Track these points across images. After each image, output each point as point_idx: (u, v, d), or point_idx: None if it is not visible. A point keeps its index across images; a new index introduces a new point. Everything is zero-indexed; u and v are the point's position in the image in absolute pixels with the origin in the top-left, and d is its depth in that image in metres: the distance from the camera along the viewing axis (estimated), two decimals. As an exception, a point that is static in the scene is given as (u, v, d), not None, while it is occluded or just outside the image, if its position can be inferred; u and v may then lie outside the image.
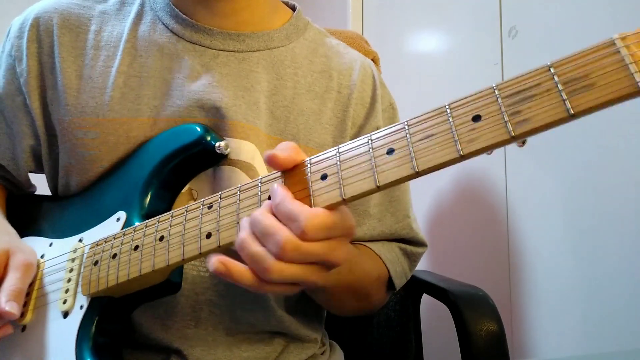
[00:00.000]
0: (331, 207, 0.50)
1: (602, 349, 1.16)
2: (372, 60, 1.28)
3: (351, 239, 0.54)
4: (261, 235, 0.50)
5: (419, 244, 0.89)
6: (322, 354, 0.87)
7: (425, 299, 1.11)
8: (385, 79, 0.95)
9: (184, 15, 0.79)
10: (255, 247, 0.50)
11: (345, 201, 0.49)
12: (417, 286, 1.13)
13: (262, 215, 0.51)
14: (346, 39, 1.25)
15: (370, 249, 0.82)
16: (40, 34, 0.78)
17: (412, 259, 0.87)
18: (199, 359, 0.73)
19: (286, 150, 0.53)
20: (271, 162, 0.53)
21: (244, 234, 0.51)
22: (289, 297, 0.80)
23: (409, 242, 0.87)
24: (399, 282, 0.84)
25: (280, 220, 0.50)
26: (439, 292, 1.03)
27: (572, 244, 1.25)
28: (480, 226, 1.54)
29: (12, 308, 0.63)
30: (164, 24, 0.80)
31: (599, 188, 1.20)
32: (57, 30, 0.78)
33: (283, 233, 0.48)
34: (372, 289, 0.81)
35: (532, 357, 1.33)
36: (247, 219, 0.53)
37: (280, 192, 0.51)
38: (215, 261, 0.51)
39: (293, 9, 0.90)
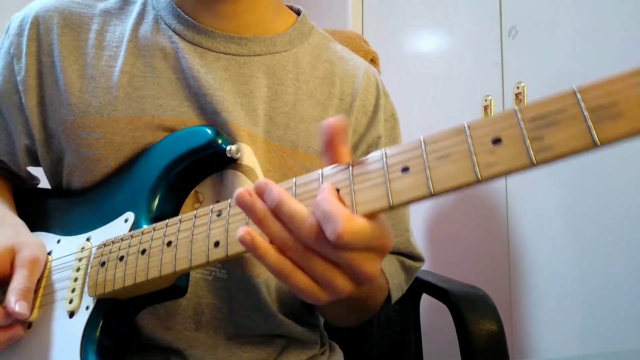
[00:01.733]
0: (369, 217, 0.47)
1: (602, 349, 1.16)
2: (372, 60, 1.28)
3: (385, 255, 0.51)
4: (286, 218, 0.47)
5: (417, 258, 0.89)
6: (321, 354, 0.87)
7: (425, 299, 1.12)
8: (385, 79, 0.95)
9: (186, 16, 0.78)
10: (277, 226, 0.47)
11: None
12: (417, 286, 1.13)
13: (290, 198, 0.48)
14: (346, 39, 1.25)
15: None
16: (40, 33, 0.77)
17: (409, 273, 0.87)
18: (199, 359, 0.73)
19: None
20: (335, 128, 0.49)
21: (271, 221, 0.48)
22: (288, 301, 0.80)
23: (407, 257, 0.87)
24: (396, 296, 0.84)
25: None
26: (439, 292, 1.03)
27: (572, 244, 1.26)
28: (480, 226, 1.54)
29: (22, 308, 0.63)
30: (166, 23, 0.79)
31: (598, 188, 1.20)
32: (58, 29, 0.77)
33: (312, 220, 0.45)
34: (378, 303, 0.81)
35: (532, 357, 1.34)
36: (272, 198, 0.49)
37: (325, 190, 0.47)
38: (244, 231, 0.47)
39: (298, 13, 0.89)
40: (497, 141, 0.41)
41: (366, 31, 2.13)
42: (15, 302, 0.63)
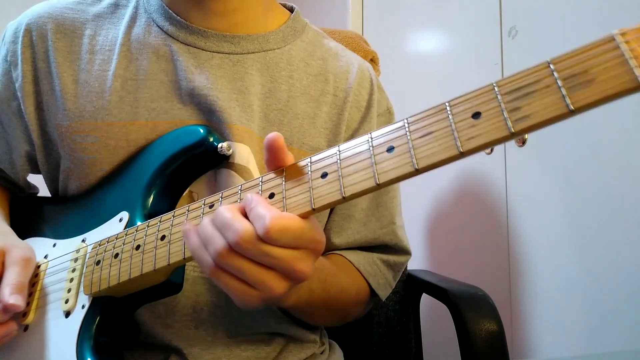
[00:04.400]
0: (303, 216, 0.50)
1: (602, 349, 1.16)
2: (372, 59, 1.28)
3: (319, 255, 0.54)
4: (221, 226, 0.50)
5: (402, 251, 0.88)
6: (321, 353, 0.87)
7: (425, 299, 1.11)
8: (385, 79, 0.94)
9: (178, 17, 0.79)
10: (211, 229, 0.51)
11: (345, 199, 0.49)
12: (417, 286, 1.13)
13: (225, 208, 0.51)
14: (346, 38, 1.25)
15: (349, 262, 0.82)
16: (34, 40, 0.78)
17: (396, 269, 0.87)
18: (198, 357, 0.73)
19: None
20: (273, 143, 0.54)
21: (206, 220, 0.53)
22: None
23: (392, 250, 0.87)
24: (384, 294, 0.85)
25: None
26: (439, 292, 1.03)
27: (572, 243, 1.25)
28: (480, 226, 1.54)
29: (17, 300, 0.63)
30: (158, 26, 0.79)
31: (599, 187, 1.20)
32: (52, 35, 0.78)
33: (243, 224, 0.49)
34: (350, 304, 0.80)
35: (532, 357, 1.33)
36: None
37: (254, 197, 0.52)
38: (187, 226, 0.53)
39: (291, 10, 0.90)
40: (476, 115, 0.43)
41: (366, 31, 2.13)
42: (10, 295, 0.63)
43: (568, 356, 1.28)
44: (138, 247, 0.62)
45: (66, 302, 0.67)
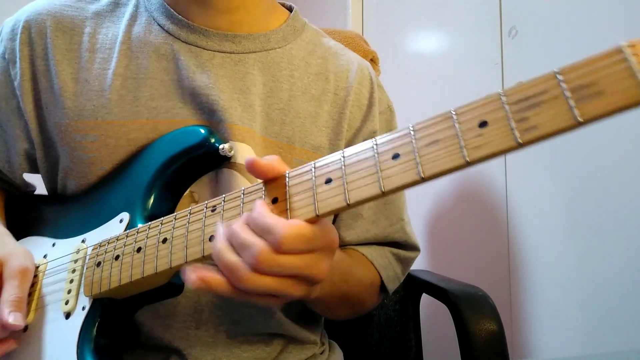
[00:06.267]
0: (311, 221, 0.50)
1: (602, 349, 1.16)
2: (371, 59, 1.28)
3: (334, 252, 0.55)
4: (238, 247, 0.51)
5: (412, 247, 0.89)
6: (321, 353, 0.87)
7: (425, 299, 1.11)
8: (384, 79, 0.94)
9: (180, 16, 0.78)
10: (231, 257, 0.51)
11: (349, 206, 0.48)
12: (417, 286, 1.12)
13: (240, 227, 0.52)
14: (345, 38, 1.25)
15: (362, 254, 0.82)
16: (33, 37, 0.77)
17: (405, 264, 0.88)
18: (199, 358, 0.73)
19: (268, 159, 0.54)
20: (251, 167, 0.54)
21: (221, 245, 0.52)
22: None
23: (402, 246, 0.88)
24: (392, 287, 0.85)
25: (256, 234, 0.50)
26: (439, 292, 1.03)
27: (572, 243, 1.25)
28: (480, 226, 1.54)
29: (16, 319, 0.62)
30: (159, 24, 0.79)
31: (599, 187, 1.20)
32: (51, 33, 0.77)
33: (259, 245, 0.49)
34: (366, 295, 0.82)
35: (532, 357, 1.33)
36: (223, 229, 0.53)
37: (258, 206, 0.52)
38: (195, 279, 0.52)
39: (290, 9, 0.90)
40: (483, 124, 0.43)
41: (366, 31, 2.13)
42: (9, 314, 0.62)
43: (568, 356, 1.28)
44: (139, 249, 0.61)
45: (66, 303, 0.67)
